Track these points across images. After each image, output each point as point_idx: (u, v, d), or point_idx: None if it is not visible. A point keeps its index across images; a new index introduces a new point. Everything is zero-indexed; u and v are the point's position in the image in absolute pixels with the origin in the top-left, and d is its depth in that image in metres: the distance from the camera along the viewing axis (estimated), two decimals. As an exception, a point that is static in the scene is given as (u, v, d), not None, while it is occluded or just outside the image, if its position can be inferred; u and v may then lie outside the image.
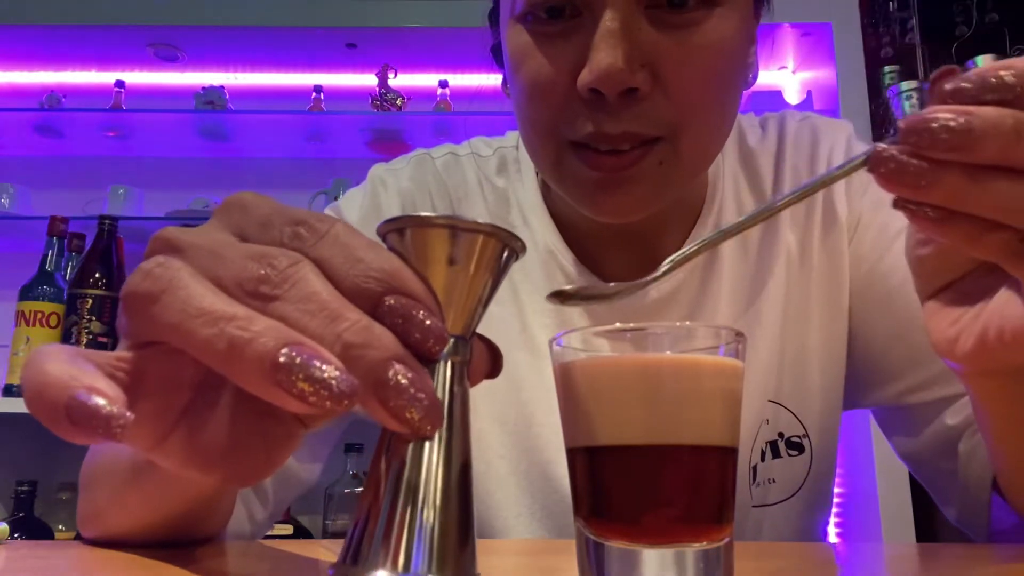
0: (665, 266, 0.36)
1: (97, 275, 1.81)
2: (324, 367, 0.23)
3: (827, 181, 0.36)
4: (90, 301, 1.79)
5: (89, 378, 0.24)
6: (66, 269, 1.90)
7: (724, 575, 0.31)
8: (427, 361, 0.25)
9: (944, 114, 0.32)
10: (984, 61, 1.97)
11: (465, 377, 0.28)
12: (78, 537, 0.47)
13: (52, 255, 1.87)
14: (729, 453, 0.31)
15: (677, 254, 0.36)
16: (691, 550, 0.30)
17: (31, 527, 1.71)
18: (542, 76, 0.54)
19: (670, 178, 0.55)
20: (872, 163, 0.34)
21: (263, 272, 0.25)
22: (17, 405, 1.76)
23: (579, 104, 0.52)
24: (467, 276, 0.27)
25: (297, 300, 0.24)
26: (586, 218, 0.60)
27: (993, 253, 0.35)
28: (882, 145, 0.34)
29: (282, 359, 0.23)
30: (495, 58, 0.68)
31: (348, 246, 0.26)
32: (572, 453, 0.33)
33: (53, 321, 1.80)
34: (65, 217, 1.90)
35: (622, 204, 0.55)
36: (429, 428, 0.24)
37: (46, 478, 1.81)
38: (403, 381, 0.24)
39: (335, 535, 1.72)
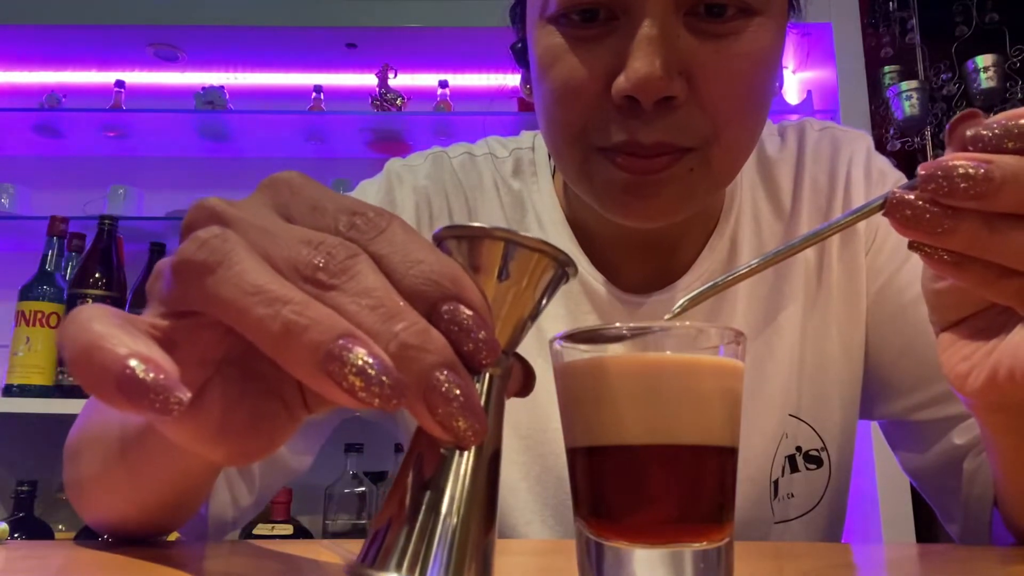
0: (677, 308, 0.36)
1: (97, 275, 1.81)
2: (377, 364, 0.23)
3: (844, 225, 0.36)
4: (90, 301, 1.78)
5: (144, 347, 0.23)
6: (66, 269, 1.90)
7: (724, 575, 0.31)
8: (472, 372, 0.25)
9: (963, 162, 0.32)
10: (984, 61, 1.97)
11: (503, 391, 0.28)
12: (78, 537, 0.47)
13: (52, 255, 1.87)
14: (729, 453, 0.31)
15: (692, 294, 0.36)
16: (691, 550, 0.30)
17: (31, 527, 1.71)
18: (574, 79, 0.52)
19: (699, 186, 0.54)
20: (889, 208, 0.34)
21: (320, 260, 0.24)
22: (17, 405, 1.75)
23: (611, 110, 0.51)
24: (519, 292, 0.27)
25: (355, 293, 0.24)
26: (603, 224, 0.59)
27: (1007, 298, 0.35)
28: (899, 190, 0.33)
29: (336, 350, 0.22)
30: (516, 56, 0.67)
31: (408, 245, 0.25)
32: (572, 453, 0.33)
33: (53, 321, 1.80)
34: (65, 217, 1.90)
35: (650, 208, 0.54)
36: (472, 438, 0.24)
37: (46, 478, 1.81)
38: (455, 390, 0.23)
39: (335, 535, 1.72)
